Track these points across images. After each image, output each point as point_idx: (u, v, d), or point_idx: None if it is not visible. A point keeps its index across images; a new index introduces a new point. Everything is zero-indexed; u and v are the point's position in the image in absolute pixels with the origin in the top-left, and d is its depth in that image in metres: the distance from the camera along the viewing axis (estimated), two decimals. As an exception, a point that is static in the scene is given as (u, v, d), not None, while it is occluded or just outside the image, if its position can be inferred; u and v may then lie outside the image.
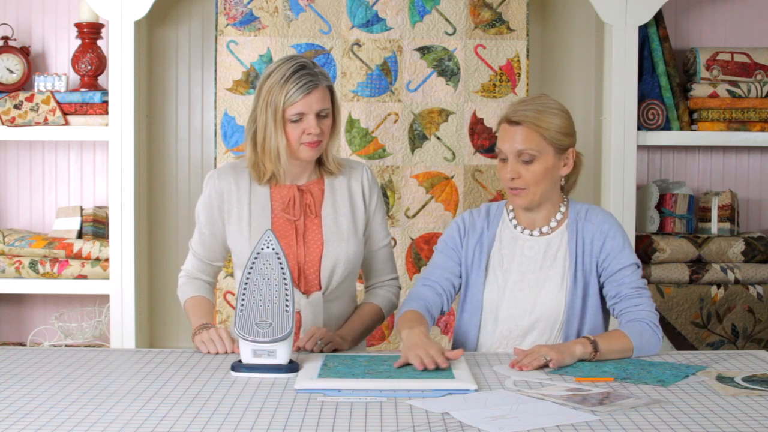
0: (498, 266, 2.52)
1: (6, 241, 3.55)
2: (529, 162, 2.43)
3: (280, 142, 2.46)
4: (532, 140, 2.42)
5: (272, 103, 2.44)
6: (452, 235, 2.60)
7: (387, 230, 2.67)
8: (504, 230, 2.56)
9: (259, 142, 2.49)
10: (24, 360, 2.27)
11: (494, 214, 2.59)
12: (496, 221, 2.58)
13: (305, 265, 2.52)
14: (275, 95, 2.43)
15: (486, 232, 2.56)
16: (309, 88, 2.43)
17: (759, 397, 1.94)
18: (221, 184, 2.56)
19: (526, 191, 2.45)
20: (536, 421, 1.76)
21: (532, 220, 2.53)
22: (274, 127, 2.44)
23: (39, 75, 3.58)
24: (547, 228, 2.52)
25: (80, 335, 3.55)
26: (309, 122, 2.44)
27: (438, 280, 2.56)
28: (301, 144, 2.46)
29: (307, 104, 2.44)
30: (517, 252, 2.51)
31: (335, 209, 2.56)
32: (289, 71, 2.44)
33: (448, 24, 3.57)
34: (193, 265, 2.63)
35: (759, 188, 3.89)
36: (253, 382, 2.07)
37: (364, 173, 2.62)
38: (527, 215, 2.53)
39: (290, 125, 2.45)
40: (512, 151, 2.44)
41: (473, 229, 2.58)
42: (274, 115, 2.44)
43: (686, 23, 3.85)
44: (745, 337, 3.57)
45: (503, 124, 2.48)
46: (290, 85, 2.42)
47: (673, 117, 3.64)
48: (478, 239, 2.56)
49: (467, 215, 2.62)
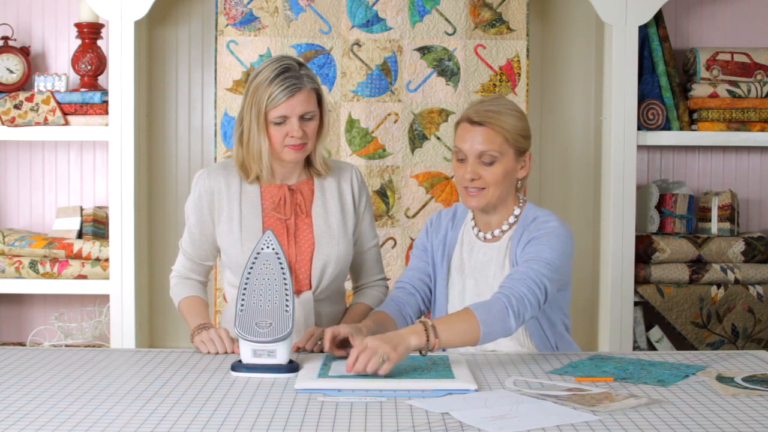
0: (458, 270, 2.51)
1: (6, 241, 3.55)
2: (489, 164, 2.41)
3: (263, 144, 2.46)
4: (495, 141, 2.40)
5: (256, 105, 2.44)
6: (422, 235, 2.62)
7: (375, 231, 2.70)
8: (466, 233, 2.54)
9: (244, 142, 2.49)
10: (24, 360, 2.27)
11: (460, 216, 2.58)
12: (460, 222, 2.57)
13: (296, 264, 2.53)
14: (259, 97, 2.43)
15: (449, 232, 2.56)
16: (292, 91, 2.42)
17: (759, 397, 1.94)
18: (211, 183, 2.56)
19: (483, 192, 2.42)
20: (536, 421, 1.76)
21: (488, 222, 2.51)
22: (257, 128, 2.45)
23: (39, 75, 3.58)
24: (498, 231, 2.48)
25: (80, 335, 3.55)
26: (292, 125, 2.44)
27: (409, 280, 2.58)
28: (285, 146, 2.46)
29: (290, 107, 2.43)
30: (473, 257, 2.50)
31: (325, 209, 2.57)
32: (274, 73, 2.43)
33: (448, 24, 3.57)
34: (183, 266, 2.64)
35: (759, 188, 3.89)
36: (253, 382, 2.07)
37: (353, 174, 2.64)
38: (483, 217, 2.51)
39: (273, 127, 2.45)
40: (473, 151, 2.41)
41: (438, 229, 2.58)
42: (257, 117, 2.44)
43: (686, 23, 3.85)
44: (745, 337, 3.57)
45: (464, 123, 2.44)
46: (273, 87, 2.42)
47: (673, 117, 3.64)
48: (442, 240, 2.56)
49: (435, 215, 2.63)
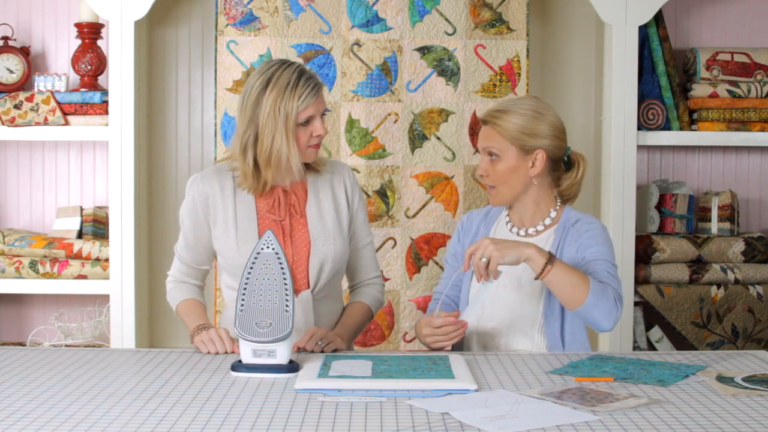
0: None
1: (6, 241, 3.55)
2: (494, 161, 2.50)
3: (291, 149, 2.46)
4: (494, 139, 2.50)
5: (282, 111, 2.44)
6: (453, 241, 2.69)
7: (369, 229, 2.72)
8: (498, 229, 2.60)
9: (262, 153, 2.47)
10: (24, 360, 2.27)
11: (494, 214, 2.65)
12: (493, 220, 2.63)
13: (293, 264, 2.54)
14: (285, 103, 2.44)
15: (482, 228, 2.62)
16: (316, 91, 2.48)
17: (759, 397, 1.94)
18: (205, 187, 2.56)
19: (495, 190, 2.53)
20: (536, 421, 1.76)
21: (521, 219, 2.57)
22: (285, 134, 2.45)
23: (39, 75, 3.58)
24: (533, 230, 2.54)
25: (80, 335, 3.55)
26: (316, 124, 2.49)
27: (442, 290, 2.64)
28: (308, 147, 2.50)
29: (316, 106, 2.49)
30: None
31: (320, 209, 2.58)
32: (294, 77, 2.46)
33: (448, 24, 3.57)
34: (179, 270, 2.64)
35: (759, 188, 3.89)
36: (253, 382, 2.07)
37: (346, 173, 2.66)
38: (514, 213, 2.58)
39: (300, 129, 2.47)
40: (483, 149, 2.53)
41: (470, 230, 2.65)
42: (285, 123, 2.44)
43: (686, 23, 3.85)
44: (745, 337, 3.57)
45: (481, 123, 2.58)
46: (300, 89, 2.45)
47: (673, 117, 3.64)
48: (473, 236, 2.62)
49: (466, 217, 2.70)
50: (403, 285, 3.58)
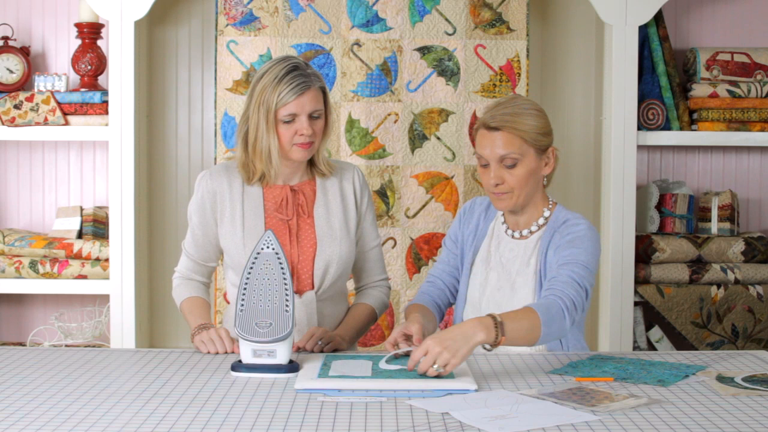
0: (483, 262, 2.54)
1: (6, 241, 3.55)
2: (512, 166, 2.42)
3: (272, 143, 2.46)
4: (513, 144, 2.40)
5: (265, 104, 2.44)
6: (454, 224, 2.65)
7: (377, 231, 2.70)
8: (496, 227, 2.58)
9: (250, 143, 2.49)
10: (24, 360, 2.27)
11: (493, 209, 2.61)
12: (492, 216, 2.61)
13: (298, 264, 2.53)
14: (268, 95, 2.44)
15: (481, 223, 2.60)
16: (302, 89, 2.44)
17: (759, 397, 1.94)
18: (214, 184, 2.57)
19: (510, 195, 2.44)
20: (536, 421, 1.76)
21: (516, 221, 2.54)
22: (266, 127, 2.45)
23: (39, 75, 3.58)
24: (527, 231, 2.51)
25: (80, 335, 3.55)
26: (301, 123, 2.45)
27: (439, 275, 2.62)
28: (294, 145, 2.47)
29: (300, 105, 2.44)
30: (500, 251, 2.53)
31: (327, 209, 2.57)
32: (282, 72, 2.44)
33: (448, 24, 3.57)
34: (186, 266, 2.64)
35: (759, 188, 3.89)
36: (253, 382, 2.07)
37: (355, 174, 2.64)
38: (511, 217, 2.54)
39: (282, 126, 2.46)
40: (494, 157, 2.42)
41: (471, 218, 2.62)
42: (266, 116, 2.45)
43: (686, 23, 3.85)
44: (745, 337, 3.57)
45: (481, 129, 2.45)
46: (283, 85, 2.43)
47: (673, 117, 3.64)
48: (473, 230, 2.60)
49: (469, 203, 2.65)
50: (403, 285, 3.58)
